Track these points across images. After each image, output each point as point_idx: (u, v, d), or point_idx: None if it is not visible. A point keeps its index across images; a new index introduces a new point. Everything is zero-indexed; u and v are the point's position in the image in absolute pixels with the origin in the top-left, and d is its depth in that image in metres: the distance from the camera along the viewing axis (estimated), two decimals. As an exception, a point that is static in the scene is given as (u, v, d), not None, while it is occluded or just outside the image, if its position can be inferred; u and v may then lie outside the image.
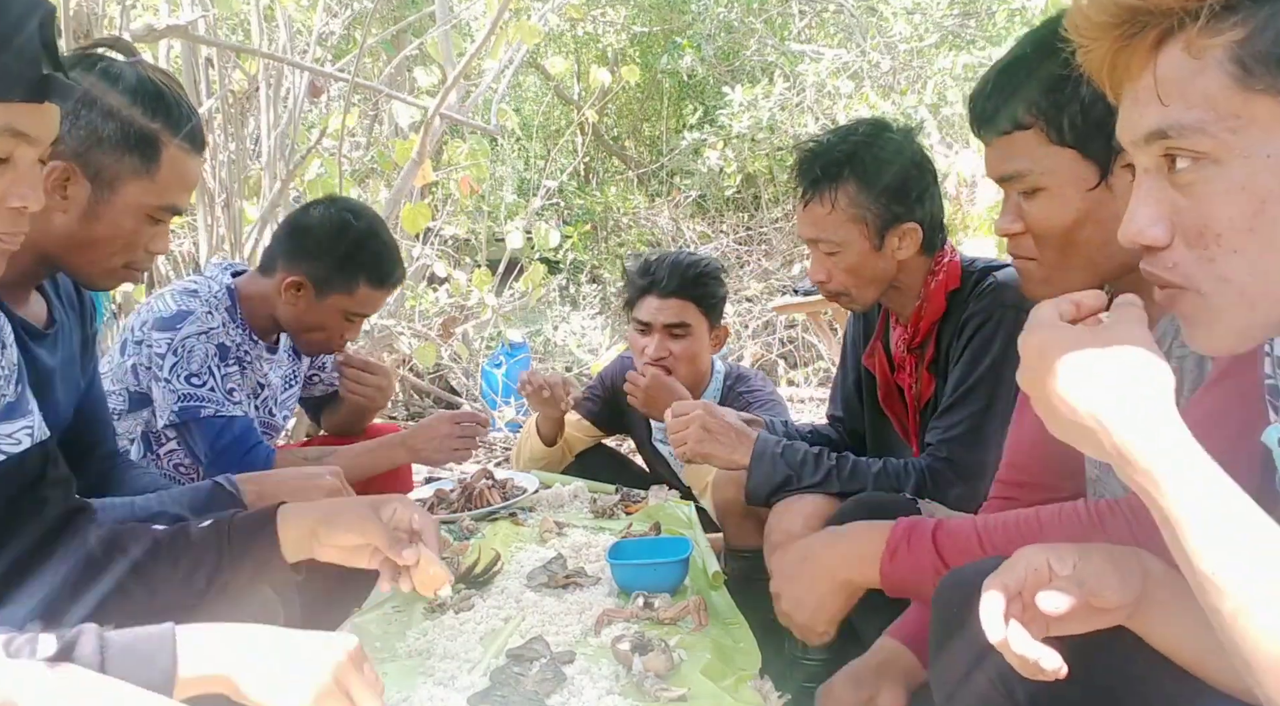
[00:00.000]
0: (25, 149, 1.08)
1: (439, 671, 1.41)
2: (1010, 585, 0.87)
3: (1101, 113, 1.17)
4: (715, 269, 2.59)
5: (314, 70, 3.71)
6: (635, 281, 2.56)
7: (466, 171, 4.34)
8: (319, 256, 2.09)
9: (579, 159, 7.99)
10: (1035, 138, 1.27)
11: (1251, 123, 0.75)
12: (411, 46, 4.71)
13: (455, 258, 5.39)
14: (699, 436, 1.95)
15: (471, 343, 4.98)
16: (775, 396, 2.68)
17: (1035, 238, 1.30)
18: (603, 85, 5.15)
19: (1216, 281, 0.78)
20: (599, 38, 8.04)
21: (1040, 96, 1.25)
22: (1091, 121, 1.22)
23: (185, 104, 1.52)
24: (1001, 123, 1.29)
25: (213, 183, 3.60)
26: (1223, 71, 0.75)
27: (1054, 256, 1.30)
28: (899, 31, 6.06)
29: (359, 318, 2.20)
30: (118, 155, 1.45)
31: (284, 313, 2.13)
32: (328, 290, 2.11)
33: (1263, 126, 0.75)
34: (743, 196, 7.65)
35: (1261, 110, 0.75)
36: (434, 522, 1.30)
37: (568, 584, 1.76)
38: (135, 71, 1.47)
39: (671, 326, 2.50)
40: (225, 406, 2.01)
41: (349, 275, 2.11)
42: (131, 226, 1.48)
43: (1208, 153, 0.77)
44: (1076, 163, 1.25)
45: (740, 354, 6.02)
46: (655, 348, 2.50)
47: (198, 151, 1.54)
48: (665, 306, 2.50)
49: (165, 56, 3.54)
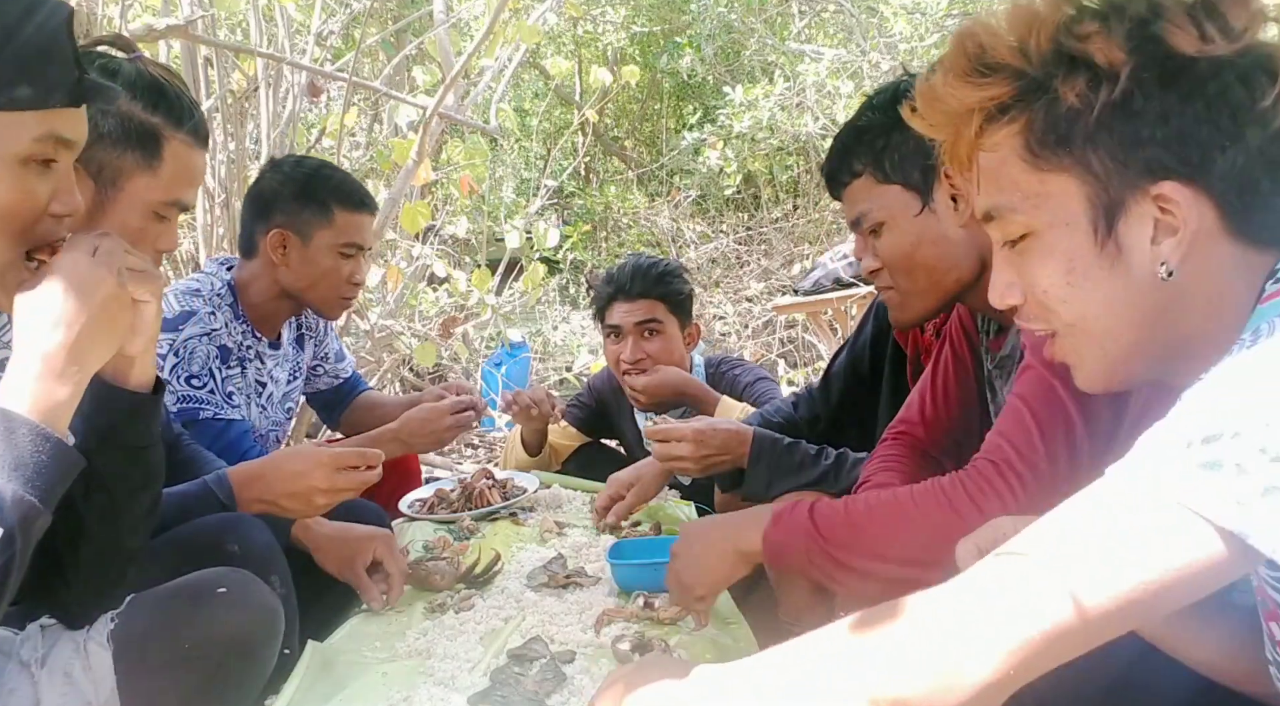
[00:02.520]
0: (65, 155, 1.07)
1: (439, 671, 1.41)
2: (983, 546, 0.99)
3: (912, 149, 1.45)
4: (677, 267, 2.66)
5: (313, 70, 3.70)
6: (601, 290, 2.61)
7: (466, 171, 4.33)
8: (285, 202, 2.13)
9: (579, 159, 7.98)
10: (867, 181, 1.52)
11: (1050, 197, 0.89)
12: (411, 46, 4.71)
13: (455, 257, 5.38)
14: (699, 466, 1.92)
15: (471, 342, 4.98)
16: (758, 370, 2.71)
17: (889, 269, 1.53)
18: (603, 85, 5.15)
19: (1064, 327, 0.93)
20: (599, 38, 8.04)
21: (864, 148, 1.52)
22: (906, 158, 1.48)
23: (187, 98, 1.50)
24: (843, 176, 1.56)
25: (212, 183, 3.60)
26: (1017, 158, 0.90)
27: (905, 282, 1.53)
28: (899, 31, 6.05)
29: (354, 249, 2.17)
30: (119, 151, 1.43)
31: (288, 279, 2.13)
32: (309, 229, 2.12)
33: (1058, 200, 0.89)
34: (743, 196, 7.65)
35: (1055, 185, 0.89)
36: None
37: (568, 584, 1.75)
38: (135, 67, 1.45)
39: (643, 324, 2.53)
40: (224, 410, 2.00)
41: (320, 205, 2.13)
42: (138, 224, 1.46)
43: (1024, 227, 0.91)
44: (902, 194, 1.50)
45: (740, 354, 6.02)
46: (630, 350, 2.53)
47: (201, 145, 1.53)
48: (634, 308, 2.54)
49: (165, 56, 3.53)
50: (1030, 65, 0.88)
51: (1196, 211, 0.84)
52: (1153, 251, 0.86)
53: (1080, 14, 0.86)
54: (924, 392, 1.71)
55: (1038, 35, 0.87)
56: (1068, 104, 0.86)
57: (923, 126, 0.98)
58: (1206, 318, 0.87)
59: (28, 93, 1.01)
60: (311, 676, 1.40)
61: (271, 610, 1.32)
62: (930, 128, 0.97)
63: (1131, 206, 0.86)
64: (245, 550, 1.44)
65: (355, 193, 2.19)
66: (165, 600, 1.26)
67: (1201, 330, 0.88)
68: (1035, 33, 0.87)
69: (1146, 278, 0.86)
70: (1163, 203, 0.85)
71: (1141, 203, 0.86)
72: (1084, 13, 0.86)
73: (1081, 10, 0.87)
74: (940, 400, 1.68)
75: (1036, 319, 0.95)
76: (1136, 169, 0.85)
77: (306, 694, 1.36)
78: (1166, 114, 0.84)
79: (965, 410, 1.67)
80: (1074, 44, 0.86)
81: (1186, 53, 0.83)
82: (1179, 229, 0.85)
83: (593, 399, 2.85)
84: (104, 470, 1.14)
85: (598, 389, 2.86)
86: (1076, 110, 0.86)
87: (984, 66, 0.90)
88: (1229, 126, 0.83)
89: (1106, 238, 0.87)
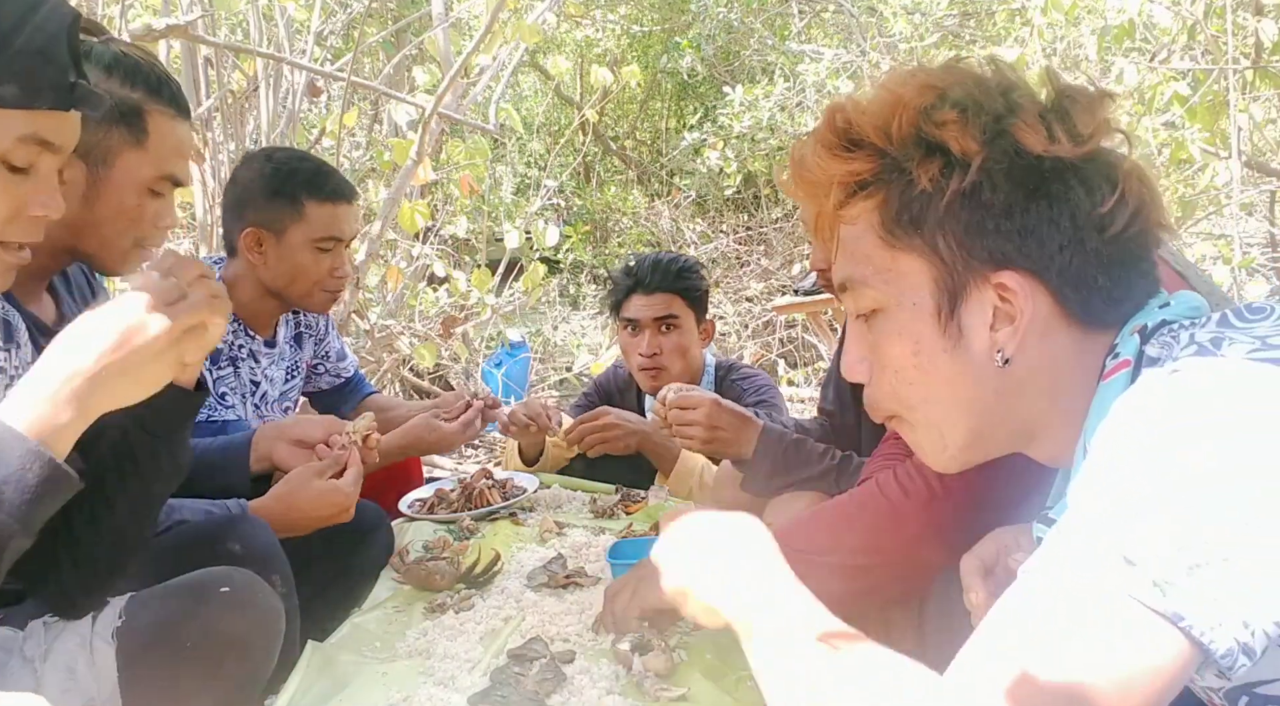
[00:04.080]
0: (48, 158, 1.07)
1: (439, 671, 1.41)
2: (985, 558, 1.01)
3: None
4: (695, 263, 2.68)
5: (313, 70, 3.70)
6: (620, 282, 2.63)
7: (466, 171, 4.33)
8: (254, 198, 2.07)
9: (579, 159, 7.98)
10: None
11: (900, 276, 0.91)
12: (411, 46, 4.71)
13: (455, 257, 5.39)
14: (706, 436, 1.95)
15: (471, 342, 4.98)
16: (768, 383, 2.70)
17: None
18: (604, 85, 5.15)
19: (907, 410, 0.95)
20: (598, 40, 8.04)
21: None
22: None
23: (161, 71, 1.50)
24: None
25: (213, 182, 3.60)
26: (874, 233, 0.92)
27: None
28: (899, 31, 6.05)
29: (330, 242, 2.10)
30: (104, 130, 1.43)
31: (268, 277, 2.09)
32: (280, 224, 2.06)
33: (908, 278, 0.91)
34: (743, 196, 7.66)
35: (905, 264, 0.91)
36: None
37: (568, 584, 1.75)
38: (106, 47, 1.46)
39: (661, 319, 2.55)
40: (218, 411, 2.00)
41: (289, 198, 2.05)
42: (134, 202, 1.46)
43: (874, 302, 0.93)
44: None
45: (740, 354, 6.02)
46: (647, 344, 2.55)
47: (184, 116, 1.52)
48: (652, 301, 2.55)
49: (165, 56, 3.53)
50: (891, 145, 0.90)
51: (1033, 301, 0.87)
52: (990, 337, 0.89)
53: (941, 102, 0.89)
54: None
55: (900, 118, 0.90)
56: (921, 187, 0.89)
57: (791, 192, 1.01)
58: (1050, 401, 0.90)
59: (14, 91, 1.01)
60: (311, 676, 1.40)
61: (273, 610, 1.32)
62: (797, 194, 1.00)
63: (973, 292, 0.89)
64: (247, 550, 1.44)
65: (326, 183, 2.09)
66: (168, 598, 1.27)
67: (1044, 414, 0.91)
68: (898, 115, 0.90)
69: (985, 363, 0.89)
70: (1002, 291, 0.88)
71: (983, 289, 0.88)
72: (945, 102, 0.89)
73: (943, 99, 0.89)
74: None
75: (881, 401, 0.97)
76: (980, 256, 0.88)
77: (306, 694, 1.36)
78: (1011, 208, 0.87)
79: None
80: (932, 130, 0.88)
81: (1035, 151, 0.87)
82: (1016, 317, 0.88)
83: (599, 394, 2.85)
84: (138, 455, 1.17)
85: (604, 385, 2.87)
86: (928, 194, 0.89)
87: (849, 141, 0.93)
88: (1068, 228, 0.87)
89: (949, 320, 0.90)
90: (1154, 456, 0.71)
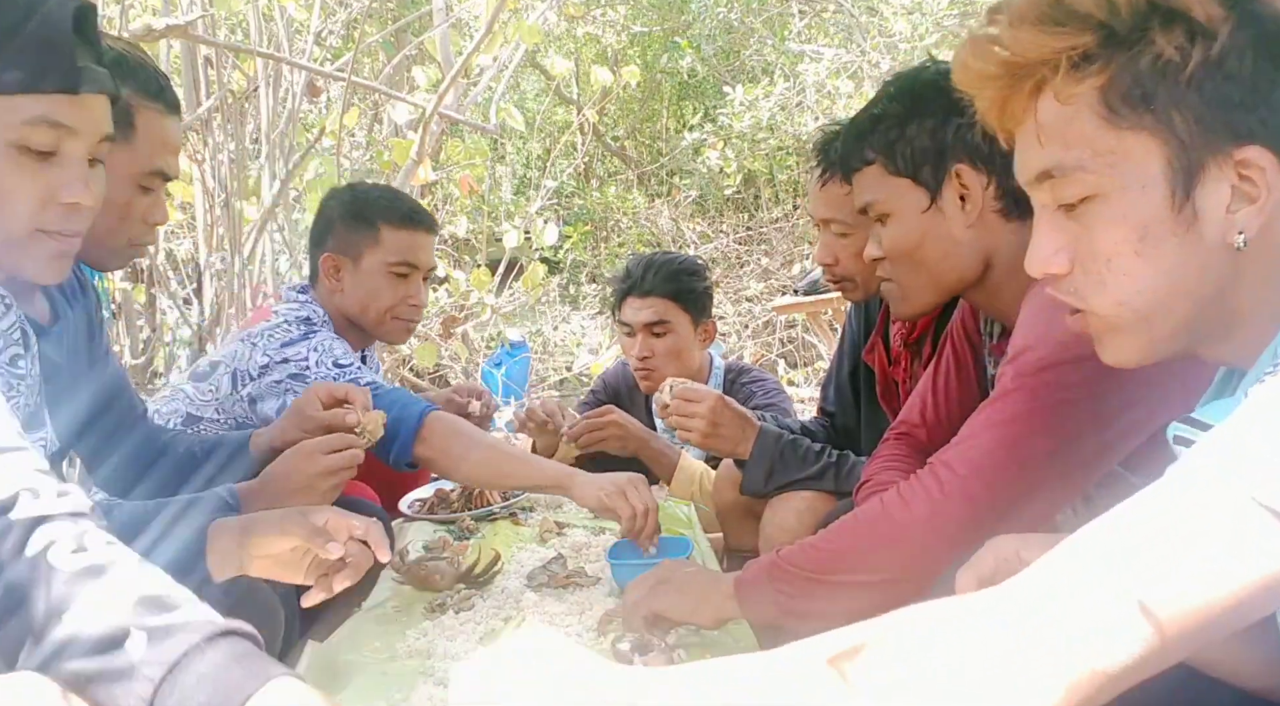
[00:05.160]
0: (71, 143, 1.08)
1: (439, 671, 1.41)
2: (983, 575, 0.95)
3: (924, 145, 1.42)
4: (693, 265, 2.64)
5: (313, 70, 3.70)
6: (617, 285, 2.63)
7: (466, 171, 4.33)
8: (334, 225, 2.11)
9: (579, 159, 7.98)
10: (878, 170, 1.48)
11: (1125, 157, 0.84)
12: (411, 46, 4.71)
13: (455, 257, 5.39)
14: (706, 431, 1.96)
15: (471, 342, 4.98)
16: (777, 386, 2.70)
17: (890, 260, 1.50)
18: (603, 85, 5.15)
19: (1114, 305, 0.87)
20: (599, 39, 8.04)
21: (878, 137, 1.48)
22: (918, 153, 1.43)
23: (151, 67, 1.50)
24: (853, 162, 1.52)
25: (212, 182, 3.60)
26: (1093, 113, 0.85)
27: (905, 276, 1.50)
28: (899, 31, 6.05)
29: (407, 268, 2.11)
30: None
31: (345, 304, 2.10)
32: (358, 251, 2.09)
33: (1135, 160, 0.84)
34: (743, 196, 7.65)
35: (1132, 145, 0.84)
36: (377, 525, 1.27)
37: (568, 584, 1.75)
38: None
39: (651, 325, 2.54)
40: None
41: (366, 225, 2.09)
42: (124, 198, 1.45)
43: (1091, 187, 0.86)
44: (911, 189, 1.45)
45: (740, 354, 6.02)
46: (639, 348, 2.55)
47: (172, 112, 1.52)
48: (644, 305, 2.54)
49: (165, 56, 3.53)
50: (1117, 16, 0.83)
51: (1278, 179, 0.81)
52: (1227, 219, 0.82)
53: None
54: (924, 394, 1.71)
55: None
56: (1164, 58, 0.82)
57: (972, 81, 0.92)
58: (1264, 290, 0.84)
59: (19, 76, 1.03)
60: (311, 676, 1.40)
61: (272, 610, 1.32)
62: (982, 81, 0.91)
63: (1211, 171, 0.82)
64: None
65: (403, 209, 2.13)
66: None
67: (1253, 304, 0.85)
68: None
69: (1217, 248, 0.83)
70: (1243, 168, 0.82)
71: (1222, 167, 0.82)
72: None
73: None
74: (940, 402, 1.68)
75: (1078, 293, 0.90)
76: (1220, 132, 0.82)
77: (306, 694, 1.36)
78: (1258, 79, 0.81)
79: (965, 412, 1.67)
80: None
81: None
82: (1258, 197, 0.82)
83: (606, 392, 2.84)
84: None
85: (611, 382, 2.86)
86: (1167, 66, 0.82)
87: (1063, 13, 0.85)
88: None
89: (1184, 203, 0.83)
90: None
